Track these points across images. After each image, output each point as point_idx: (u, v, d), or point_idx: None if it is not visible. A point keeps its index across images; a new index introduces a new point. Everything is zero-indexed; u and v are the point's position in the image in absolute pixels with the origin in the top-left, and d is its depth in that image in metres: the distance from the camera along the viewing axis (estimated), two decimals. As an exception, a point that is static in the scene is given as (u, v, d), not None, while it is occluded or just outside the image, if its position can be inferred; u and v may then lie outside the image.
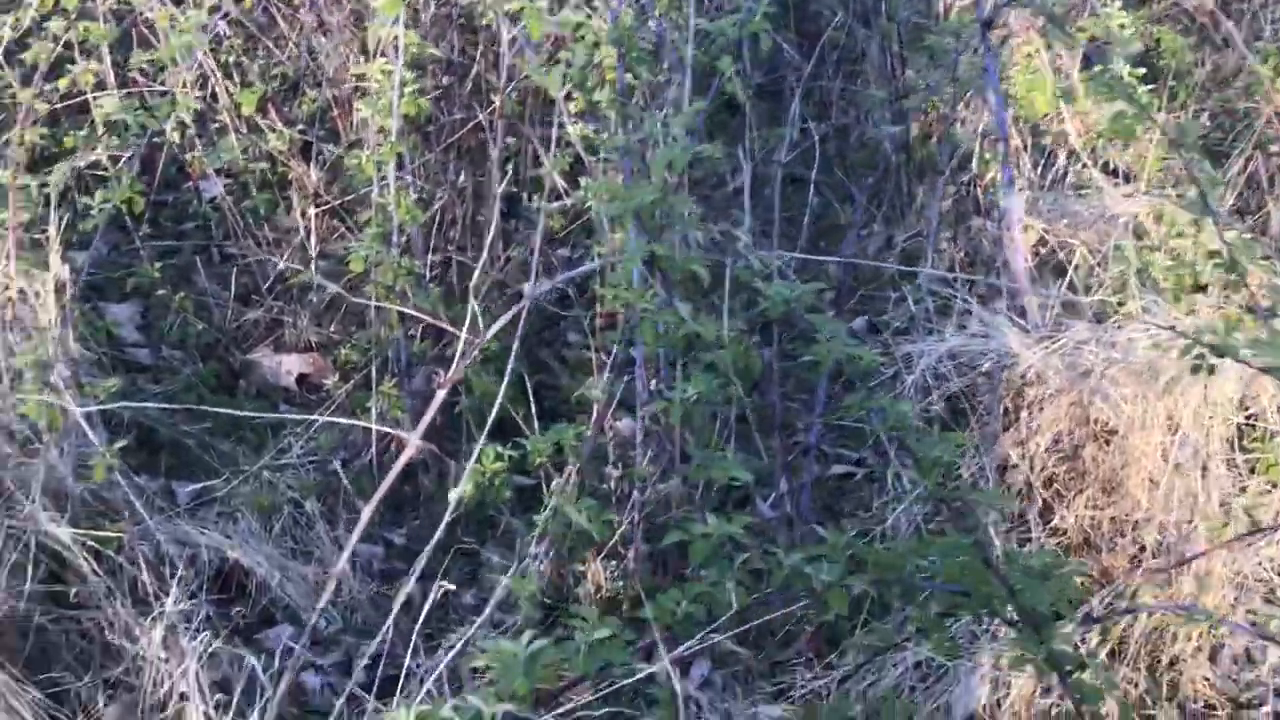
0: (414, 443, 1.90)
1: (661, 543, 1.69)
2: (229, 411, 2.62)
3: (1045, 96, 3.84)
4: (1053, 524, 2.71)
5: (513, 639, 1.50)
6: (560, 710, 1.64)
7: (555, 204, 2.87)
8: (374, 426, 2.58)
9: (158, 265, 3.50)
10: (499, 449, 1.98)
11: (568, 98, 2.87)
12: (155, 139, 3.76)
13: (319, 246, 3.70)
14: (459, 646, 2.54)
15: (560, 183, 2.87)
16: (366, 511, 1.93)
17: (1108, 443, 2.70)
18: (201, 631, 2.23)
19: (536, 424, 2.78)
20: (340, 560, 2.02)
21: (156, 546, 2.69)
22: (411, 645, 2.58)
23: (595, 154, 2.97)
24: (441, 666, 2.33)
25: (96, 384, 2.40)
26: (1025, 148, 3.80)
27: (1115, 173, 3.91)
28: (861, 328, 3.11)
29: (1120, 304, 2.88)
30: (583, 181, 2.71)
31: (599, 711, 1.62)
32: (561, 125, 3.69)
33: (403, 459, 1.94)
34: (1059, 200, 3.55)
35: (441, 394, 1.90)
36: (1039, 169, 3.82)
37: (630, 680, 1.67)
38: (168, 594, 2.44)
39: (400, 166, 2.84)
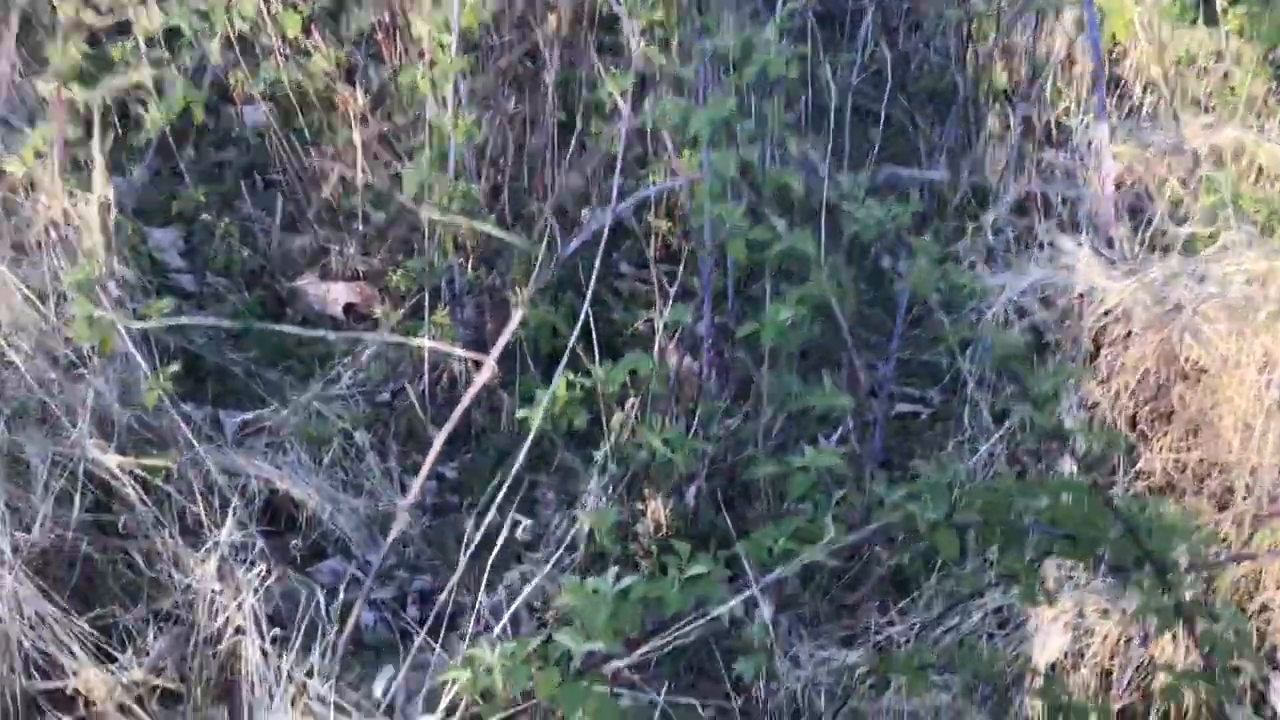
0: (490, 365, 1.79)
1: (754, 475, 1.59)
2: (291, 330, 2.50)
3: (1123, 22, 3.68)
4: (1137, 466, 2.59)
5: (595, 576, 1.39)
6: (649, 648, 1.55)
7: (621, 124, 2.73)
8: (443, 347, 2.45)
9: (201, 191, 3.40)
10: (570, 378, 1.88)
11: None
12: (201, 62, 3.66)
13: (366, 173, 3.59)
14: (527, 586, 2.47)
15: (622, 104, 2.74)
16: (439, 440, 1.85)
17: (1197, 382, 2.57)
18: (255, 564, 2.15)
19: (597, 356, 2.68)
20: (413, 489, 1.92)
21: (205, 476, 2.61)
22: (480, 580, 2.51)
23: (656, 75, 2.84)
24: (518, 602, 2.25)
25: (148, 305, 2.30)
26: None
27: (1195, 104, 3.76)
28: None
29: (1211, 236, 2.74)
30: (646, 104, 2.58)
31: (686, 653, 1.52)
32: (613, 50, 3.56)
33: (479, 381, 1.84)
34: (1135, 131, 3.40)
35: (519, 316, 1.80)
36: (1115, 99, 3.67)
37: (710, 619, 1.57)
38: (218, 525, 2.37)
39: (458, 85, 2.71)
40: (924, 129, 3.51)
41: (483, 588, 2.48)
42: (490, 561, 2.73)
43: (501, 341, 1.80)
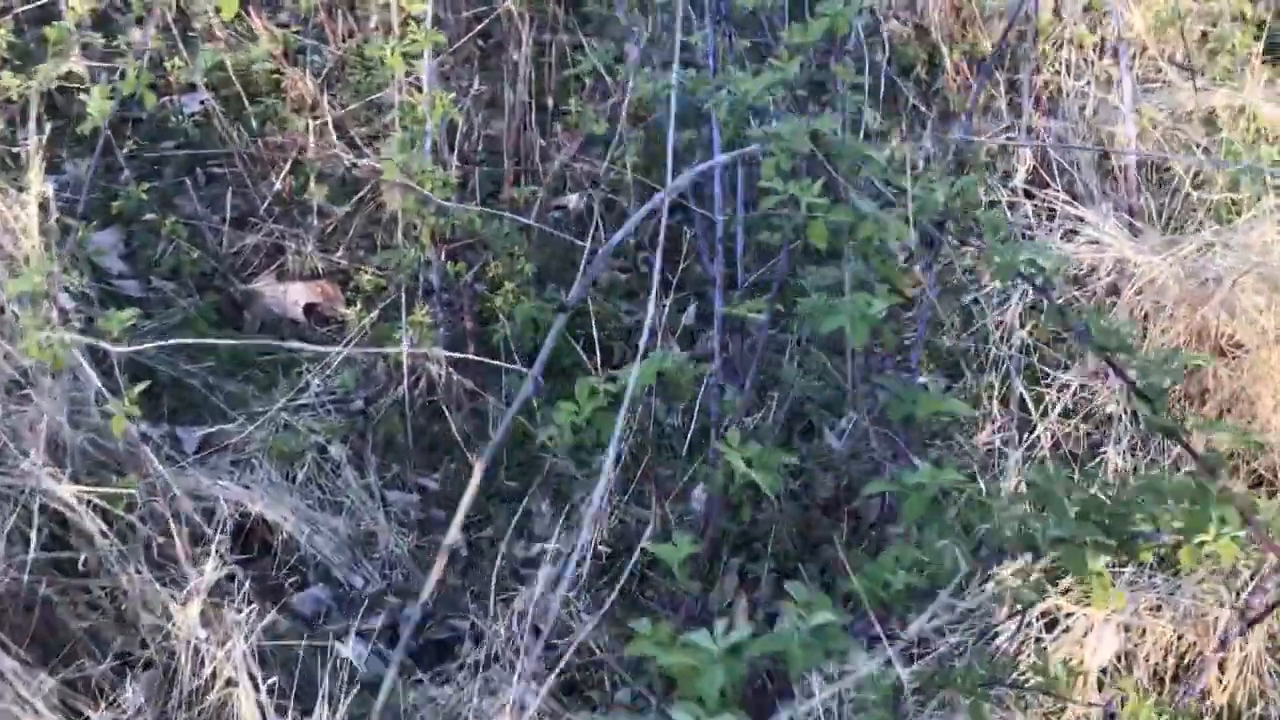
0: (533, 377, 1.58)
1: (866, 495, 1.40)
2: (257, 341, 2.26)
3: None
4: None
5: (709, 632, 1.17)
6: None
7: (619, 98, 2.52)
8: (441, 352, 2.22)
9: (142, 188, 3.13)
10: (594, 383, 1.68)
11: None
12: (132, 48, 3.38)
13: (321, 162, 3.35)
14: (529, 609, 2.26)
15: (623, 77, 2.54)
16: (482, 460, 1.60)
17: (1233, 359, 2.43)
18: (244, 603, 1.92)
19: (598, 355, 2.49)
20: (452, 531, 1.70)
21: (171, 502, 2.37)
22: (482, 601, 2.31)
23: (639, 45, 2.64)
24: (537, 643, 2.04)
25: (106, 318, 2.05)
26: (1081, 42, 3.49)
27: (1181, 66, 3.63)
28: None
29: (1233, 205, 2.60)
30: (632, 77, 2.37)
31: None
32: (586, 21, 3.34)
33: (520, 399, 1.62)
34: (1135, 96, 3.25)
35: (562, 319, 1.59)
36: (1101, 64, 3.51)
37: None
38: (190, 557, 2.13)
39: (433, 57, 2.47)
40: (910, 99, 3.34)
41: (476, 613, 2.29)
42: (481, 580, 2.55)
43: (547, 347, 1.59)
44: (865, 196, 1.36)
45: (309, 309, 3.13)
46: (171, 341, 2.24)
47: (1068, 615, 2.20)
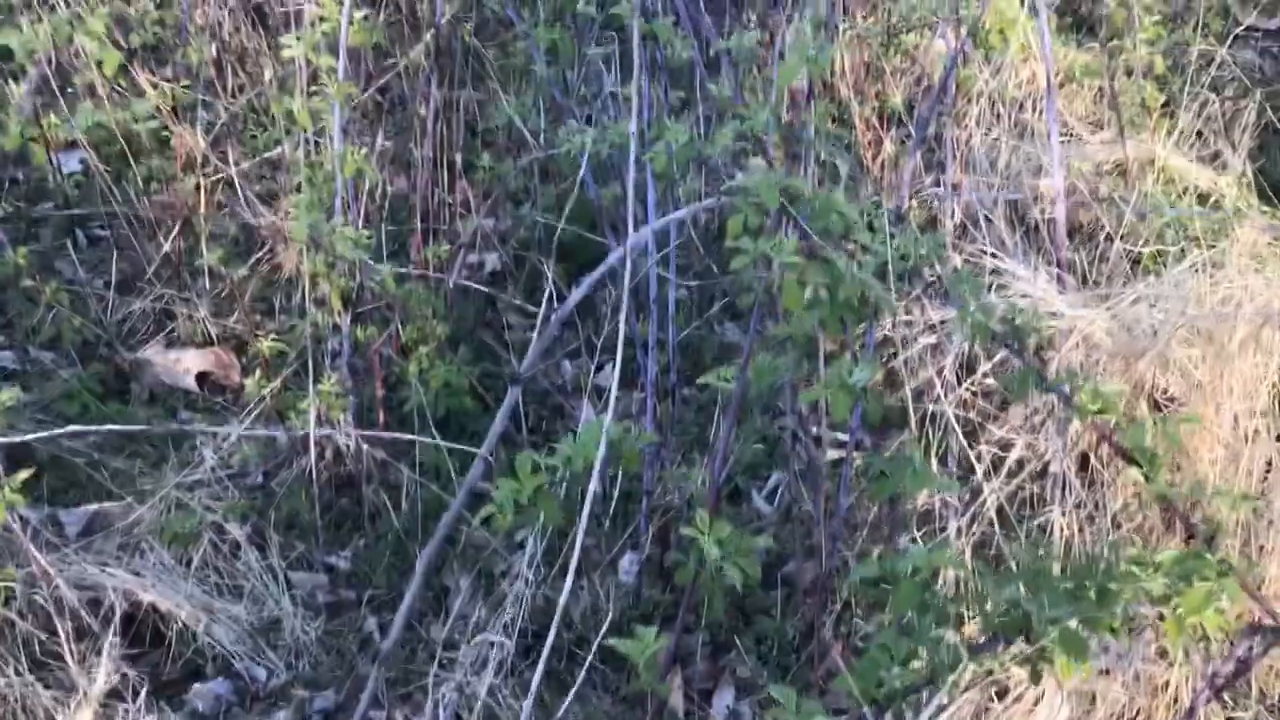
0: (483, 456, 1.43)
1: (859, 578, 1.29)
2: (150, 427, 2.08)
3: (1015, 32, 3.54)
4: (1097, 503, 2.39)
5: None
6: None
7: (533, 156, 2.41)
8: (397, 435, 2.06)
9: (20, 252, 2.92)
10: (535, 458, 1.54)
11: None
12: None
13: (210, 223, 3.17)
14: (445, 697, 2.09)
15: (525, 132, 2.42)
16: (423, 558, 1.45)
17: (1168, 412, 2.39)
18: (140, 713, 1.73)
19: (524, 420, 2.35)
20: (391, 631, 1.53)
21: (53, 592, 2.16)
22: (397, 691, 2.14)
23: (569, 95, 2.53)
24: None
25: (-19, 395, 1.86)
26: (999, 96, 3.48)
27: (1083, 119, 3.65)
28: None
29: (1155, 258, 2.58)
30: (561, 131, 2.26)
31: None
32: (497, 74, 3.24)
33: (469, 480, 1.47)
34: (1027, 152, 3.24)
35: (515, 391, 1.45)
36: (995, 119, 3.51)
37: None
38: (78, 656, 1.94)
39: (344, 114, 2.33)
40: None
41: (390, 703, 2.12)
42: (398, 667, 2.38)
43: (496, 427, 1.45)
44: (839, 254, 1.27)
45: (202, 378, 2.94)
46: (58, 431, 2.03)
47: (1018, 683, 2.11)
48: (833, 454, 2.91)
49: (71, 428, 2.23)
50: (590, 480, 1.56)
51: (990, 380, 2.30)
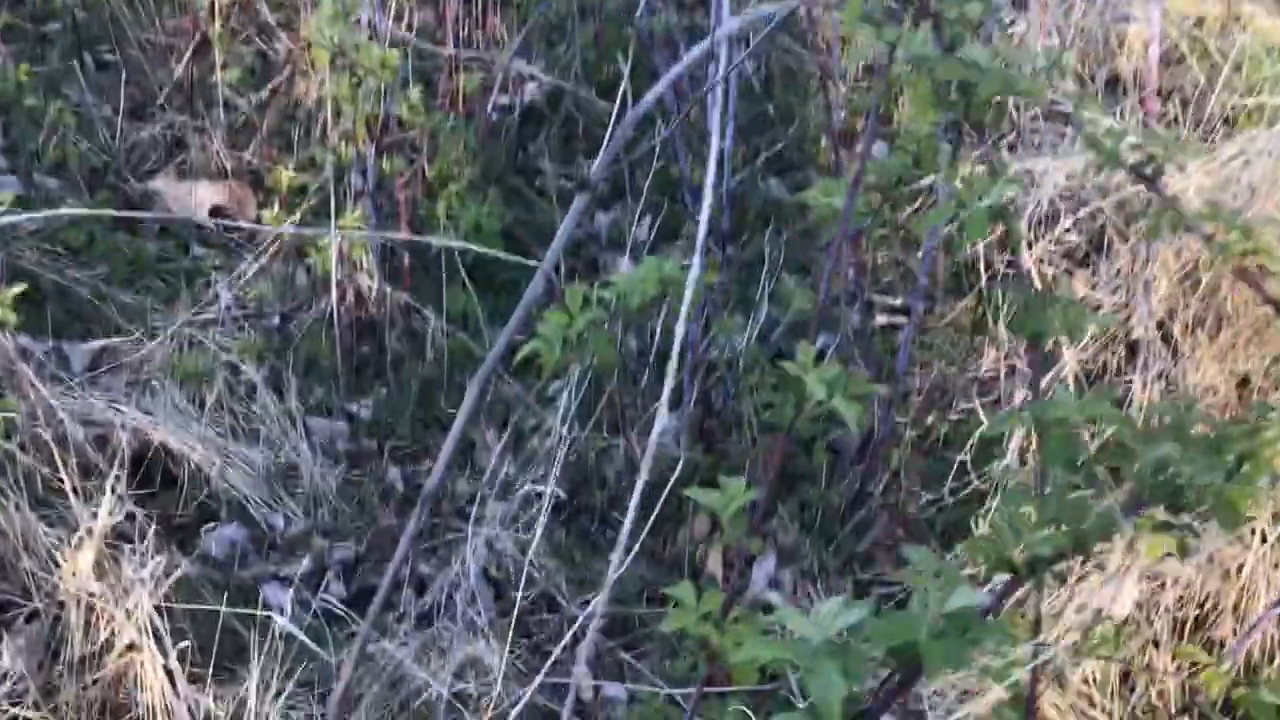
0: (545, 272, 1.26)
1: (997, 420, 1.13)
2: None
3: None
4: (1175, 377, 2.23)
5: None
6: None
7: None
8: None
9: (23, 70, 2.73)
10: (586, 292, 1.38)
11: None
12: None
13: (225, 49, 2.96)
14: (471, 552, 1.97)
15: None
16: (475, 384, 1.28)
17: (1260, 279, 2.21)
18: (146, 550, 1.60)
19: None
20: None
21: (58, 427, 2.03)
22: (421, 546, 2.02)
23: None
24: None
25: (-25, 202, 1.70)
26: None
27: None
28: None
29: (1250, 116, 2.37)
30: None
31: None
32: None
33: (529, 295, 1.30)
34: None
35: (584, 198, 1.28)
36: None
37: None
38: (82, 493, 1.80)
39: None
40: None
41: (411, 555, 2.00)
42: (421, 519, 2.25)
43: (558, 243, 1.27)
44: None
45: (216, 211, 2.76)
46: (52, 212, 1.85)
47: (1082, 564, 1.97)
48: (881, 319, 2.75)
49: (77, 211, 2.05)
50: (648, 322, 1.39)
51: (1072, 237, 2.13)
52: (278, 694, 1.69)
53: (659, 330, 2.38)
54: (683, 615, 1.02)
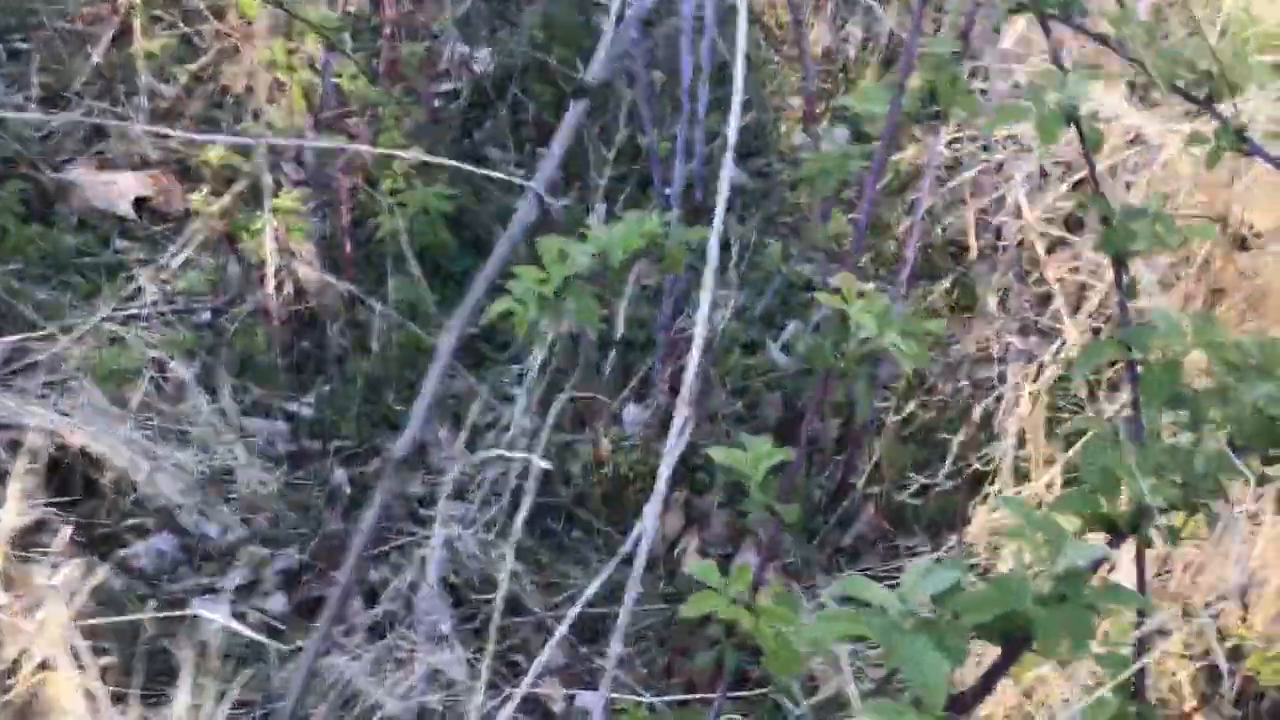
0: (536, 192, 1.09)
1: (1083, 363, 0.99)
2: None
3: None
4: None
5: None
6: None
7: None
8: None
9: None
10: (562, 245, 1.22)
11: None
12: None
13: (147, 36, 2.77)
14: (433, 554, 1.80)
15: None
16: (452, 333, 1.12)
17: (1254, 251, 2.11)
18: (60, 559, 1.41)
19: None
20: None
21: (-37, 430, 1.83)
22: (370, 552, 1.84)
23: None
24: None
25: None
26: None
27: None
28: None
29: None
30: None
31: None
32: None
33: (519, 221, 1.13)
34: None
35: (582, 104, 1.11)
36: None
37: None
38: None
39: None
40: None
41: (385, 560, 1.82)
42: (369, 523, 2.06)
43: (557, 149, 1.10)
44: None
45: (140, 204, 2.57)
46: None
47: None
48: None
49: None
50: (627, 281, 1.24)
51: (1066, 204, 2.00)
52: (211, 716, 1.51)
53: (621, 315, 2.22)
54: (708, 597, 0.87)
